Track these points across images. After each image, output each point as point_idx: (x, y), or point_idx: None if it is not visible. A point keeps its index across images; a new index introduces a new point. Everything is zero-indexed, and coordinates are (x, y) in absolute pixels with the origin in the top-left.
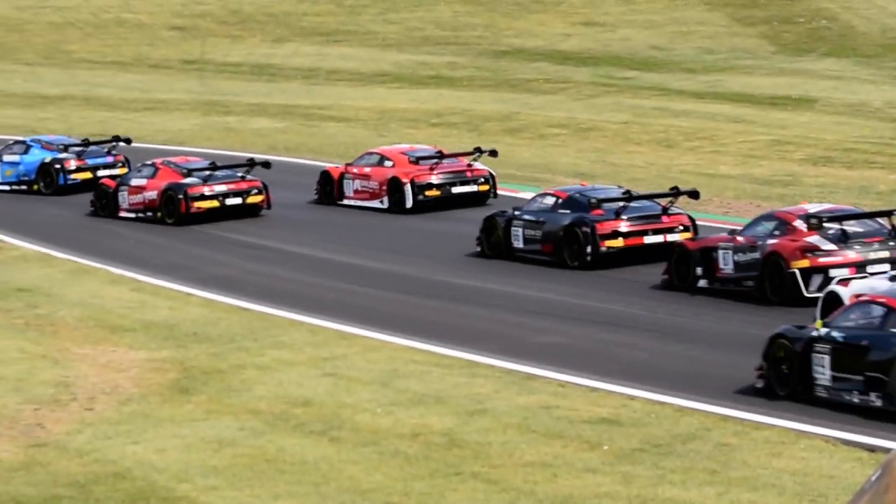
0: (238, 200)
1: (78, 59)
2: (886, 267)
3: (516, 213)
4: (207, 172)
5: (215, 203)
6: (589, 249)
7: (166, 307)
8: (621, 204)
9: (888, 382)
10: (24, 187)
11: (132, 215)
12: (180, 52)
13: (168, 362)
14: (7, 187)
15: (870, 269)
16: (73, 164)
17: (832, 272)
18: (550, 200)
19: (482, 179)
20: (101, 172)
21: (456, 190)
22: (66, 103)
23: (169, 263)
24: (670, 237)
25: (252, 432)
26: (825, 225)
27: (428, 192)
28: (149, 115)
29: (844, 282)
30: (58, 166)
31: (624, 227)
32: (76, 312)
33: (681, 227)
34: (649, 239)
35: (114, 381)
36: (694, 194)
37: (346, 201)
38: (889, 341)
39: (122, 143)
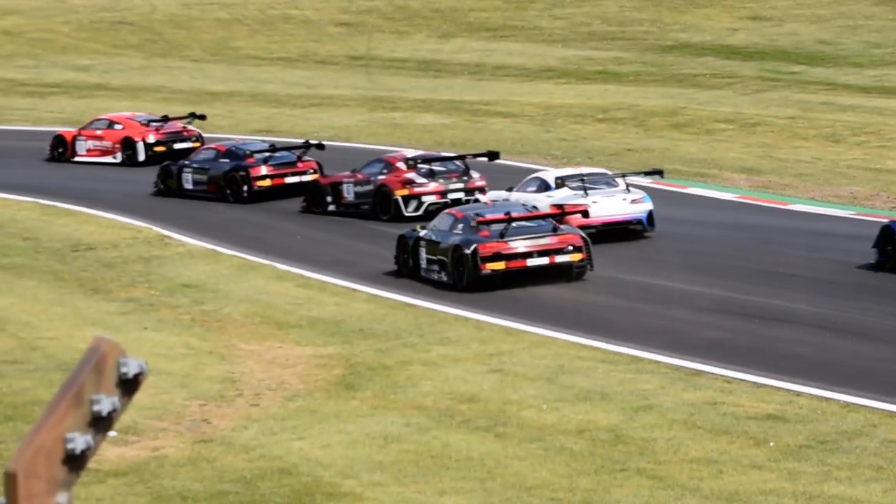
0: None
1: (244, 56)
2: (462, 194)
3: (186, 162)
4: None
5: None
6: (245, 188)
7: (332, 303)
8: (267, 154)
9: (447, 263)
10: None
11: None
12: (347, 48)
13: (334, 358)
14: None
15: (450, 196)
16: None
17: (423, 198)
18: (213, 153)
19: (195, 138)
20: None
21: (177, 146)
22: (233, 99)
23: (335, 259)
24: (304, 178)
25: (417, 428)
26: (419, 165)
27: (156, 149)
28: (315, 111)
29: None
30: None
31: (268, 171)
32: (242, 308)
33: (311, 171)
34: (289, 179)
35: (279, 376)
36: (320, 146)
37: (78, 158)
38: (449, 237)
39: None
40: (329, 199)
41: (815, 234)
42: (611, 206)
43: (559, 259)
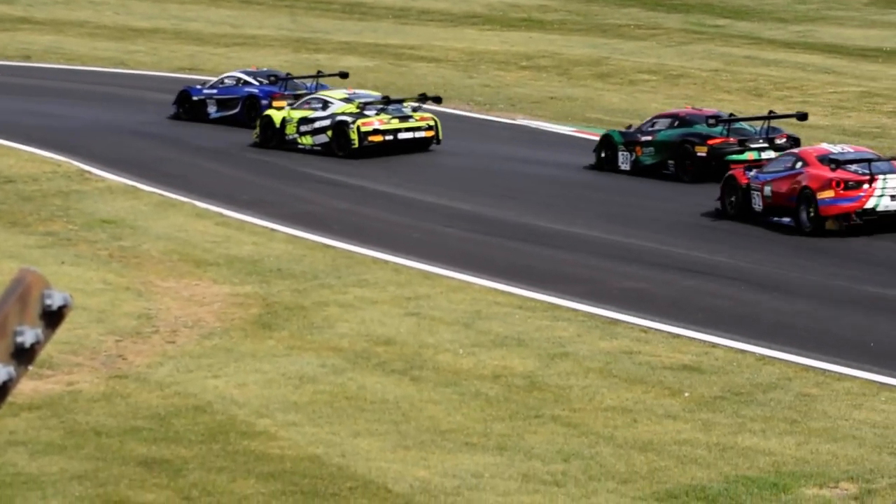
0: None
1: None
2: None
3: None
4: None
5: None
6: None
7: (251, 242)
8: None
9: None
10: None
11: None
12: None
13: (251, 297)
14: None
15: None
16: None
17: None
18: None
19: None
20: None
21: None
22: (157, 36)
23: (255, 199)
24: None
25: (333, 369)
26: None
27: None
28: (238, 50)
29: None
30: None
31: None
32: (160, 245)
33: None
34: None
35: (196, 314)
36: None
37: None
38: None
39: None
40: None
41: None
42: None
43: None
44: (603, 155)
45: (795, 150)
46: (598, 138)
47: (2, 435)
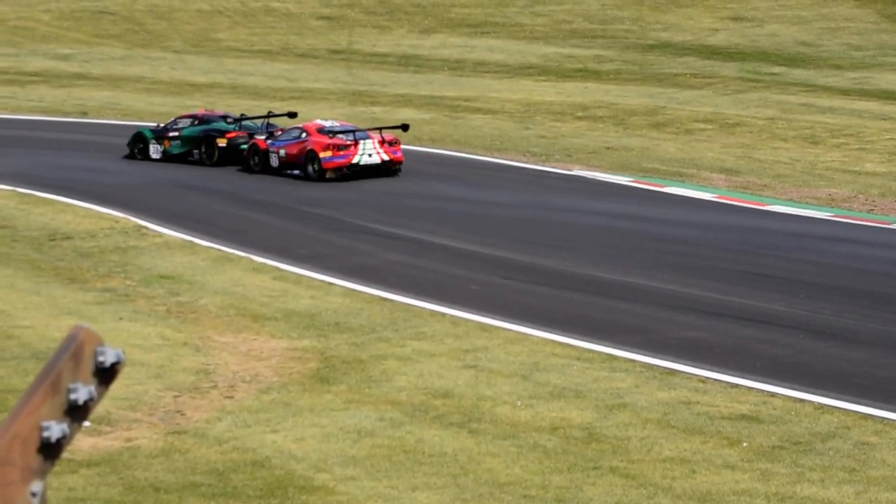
0: None
1: (225, 48)
2: None
3: None
4: None
5: None
6: None
7: (308, 296)
8: None
9: None
10: None
11: None
12: (327, 41)
13: (309, 352)
14: None
15: None
16: None
17: None
18: None
19: None
20: None
21: None
22: (213, 91)
23: (311, 252)
24: None
25: (391, 423)
26: None
27: None
28: (295, 103)
29: None
30: None
31: None
32: (218, 300)
33: None
34: None
35: (254, 369)
36: None
37: None
38: None
39: None
40: None
41: (792, 236)
42: None
43: None
44: (136, 149)
45: (299, 125)
46: (657, 188)
47: (61, 492)
